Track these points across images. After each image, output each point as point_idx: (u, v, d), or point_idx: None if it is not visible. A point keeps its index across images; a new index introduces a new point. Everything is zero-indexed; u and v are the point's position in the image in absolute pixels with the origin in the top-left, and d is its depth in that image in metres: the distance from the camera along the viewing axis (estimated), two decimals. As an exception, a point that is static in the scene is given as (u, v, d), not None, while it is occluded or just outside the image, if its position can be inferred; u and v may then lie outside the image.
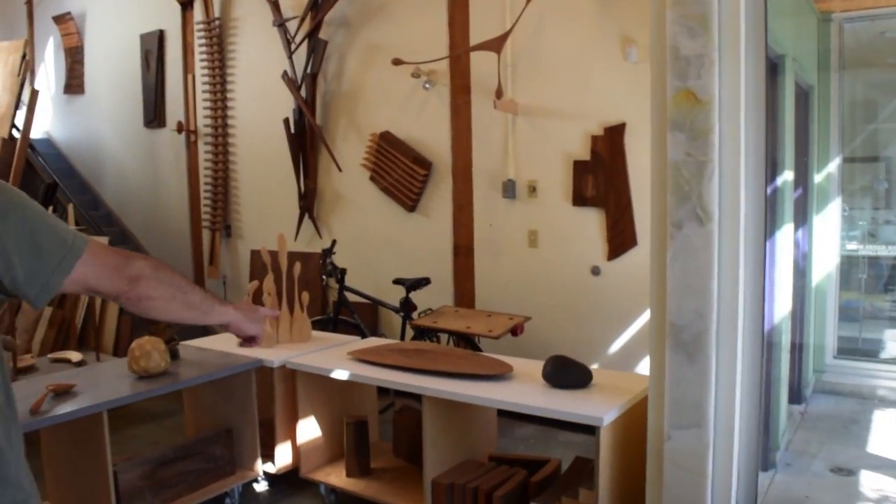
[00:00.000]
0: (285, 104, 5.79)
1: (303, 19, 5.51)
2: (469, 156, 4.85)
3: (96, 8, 7.79)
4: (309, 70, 5.54)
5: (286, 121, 5.65)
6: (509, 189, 4.66)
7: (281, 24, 5.67)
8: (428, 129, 5.02)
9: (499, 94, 4.43)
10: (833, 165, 5.27)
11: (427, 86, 4.93)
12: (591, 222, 4.42)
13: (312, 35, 5.48)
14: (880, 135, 5.57)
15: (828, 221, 5.22)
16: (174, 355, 3.50)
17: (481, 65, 4.72)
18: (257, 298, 3.82)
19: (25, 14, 8.86)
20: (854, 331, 5.58)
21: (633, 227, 4.28)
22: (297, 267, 4.00)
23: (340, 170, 5.46)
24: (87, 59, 7.96)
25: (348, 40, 5.43)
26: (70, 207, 6.18)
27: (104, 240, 5.74)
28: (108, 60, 7.67)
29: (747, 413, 2.52)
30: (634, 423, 2.88)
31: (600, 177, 4.34)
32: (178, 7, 6.74)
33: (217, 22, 6.36)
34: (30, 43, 9.10)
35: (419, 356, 3.36)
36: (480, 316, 4.35)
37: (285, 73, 5.65)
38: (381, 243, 5.34)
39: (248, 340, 1.61)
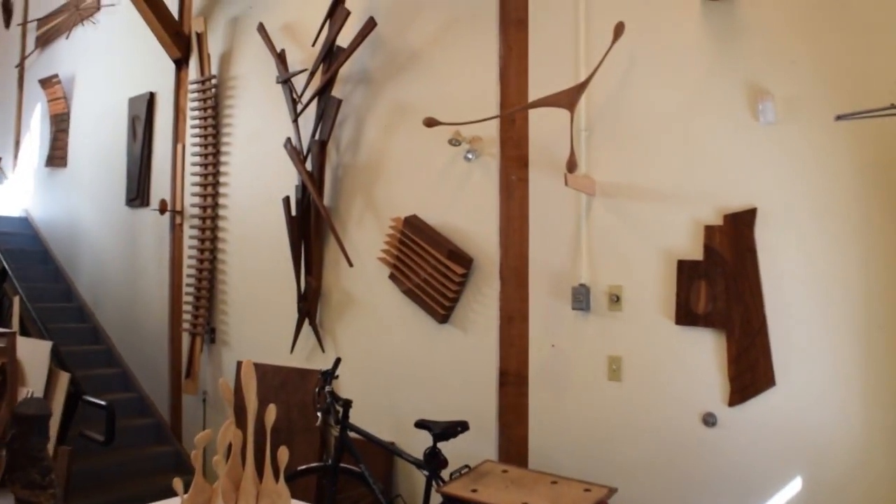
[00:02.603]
0: (288, 180, 4.61)
1: (312, 73, 4.37)
2: (525, 250, 3.55)
3: (86, 69, 6.81)
4: (317, 137, 4.36)
5: (286, 200, 4.44)
6: (581, 298, 3.34)
7: (286, 80, 4.54)
8: (469, 214, 3.76)
9: (570, 166, 3.16)
10: None
11: (470, 156, 3.70)
12: (704, 350, 3.06)
13: (323, 93, 4.33)
14: None
15: None
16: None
17: (544, 128, 3.50)
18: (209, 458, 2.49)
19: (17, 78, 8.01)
20: None
21: (770, 360, 2.91)
22: (272, 412, 2.67)
23: (351, 264, 4.19)
24: (72, 128, 6.94)
25: (368, 100, 4.27)
26: (15, 301, 4.96)
27: (41, 348, 4.50)
28: (94, 129, 6.63)
29: None
30: None
31: (718, 285, 3.02)
32: (171, 65, 5.69)
33: (213, 81, 5.27)
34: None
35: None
36: (541, 483, 2.96)
37: (288, 140, 4.48)
38: (402, 364, 4.00)
39: None
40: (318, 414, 3.48)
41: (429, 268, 3.78)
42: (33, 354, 4.59)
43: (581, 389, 3.37)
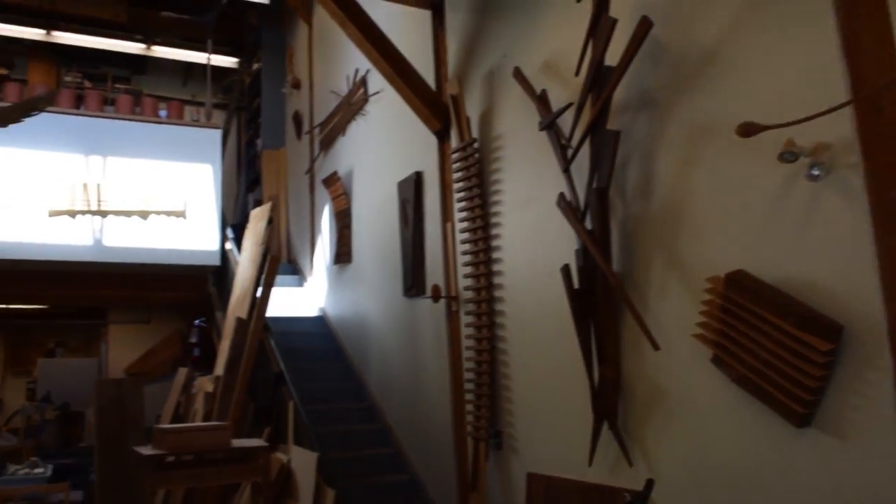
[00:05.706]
0: (567, 245, 3.72)
1: (580, 107, 3.49)
2: (933, 306, 2.22)
3: (360, 161, 6.71)
4: (594, 185, 3.43)
5: (565, 270, 3.53)
6: None
7: (549, 123, 3.71)
8: (825, 259, 2.52)
9: None
10: None
11: (815, 172, 2.50)
12: None
13: (595, 129, 3.41)
14: None
15: None
16: None
17: (942, 109, 2.21)
18: None
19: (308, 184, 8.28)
20: None
21: None
22: None
23: (657, 346, 3.10)
24: (353, 222, 6.82)
25: (655, 127, 3.26)
26: (290, 408, 4.63)
27: (309, 460, 4.02)
28: (371, 219, 6.43)
29: None
30: None
31: None
32: (434, 139, 5.21)
33: (475, 146, 4.64)
34: (288, 207, 8.42)
35: None
36: None
37: (561, 196, 3.61)
38: (742, 488, 2.78)
39: None
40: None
41: (771, 344, 2.58)
42: (303, 466, 4.16)
43: None
